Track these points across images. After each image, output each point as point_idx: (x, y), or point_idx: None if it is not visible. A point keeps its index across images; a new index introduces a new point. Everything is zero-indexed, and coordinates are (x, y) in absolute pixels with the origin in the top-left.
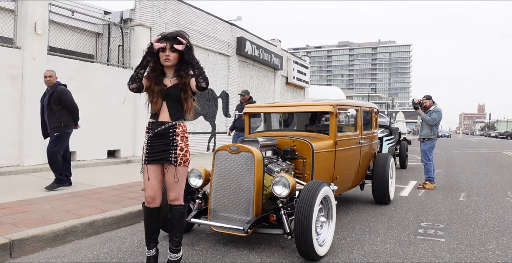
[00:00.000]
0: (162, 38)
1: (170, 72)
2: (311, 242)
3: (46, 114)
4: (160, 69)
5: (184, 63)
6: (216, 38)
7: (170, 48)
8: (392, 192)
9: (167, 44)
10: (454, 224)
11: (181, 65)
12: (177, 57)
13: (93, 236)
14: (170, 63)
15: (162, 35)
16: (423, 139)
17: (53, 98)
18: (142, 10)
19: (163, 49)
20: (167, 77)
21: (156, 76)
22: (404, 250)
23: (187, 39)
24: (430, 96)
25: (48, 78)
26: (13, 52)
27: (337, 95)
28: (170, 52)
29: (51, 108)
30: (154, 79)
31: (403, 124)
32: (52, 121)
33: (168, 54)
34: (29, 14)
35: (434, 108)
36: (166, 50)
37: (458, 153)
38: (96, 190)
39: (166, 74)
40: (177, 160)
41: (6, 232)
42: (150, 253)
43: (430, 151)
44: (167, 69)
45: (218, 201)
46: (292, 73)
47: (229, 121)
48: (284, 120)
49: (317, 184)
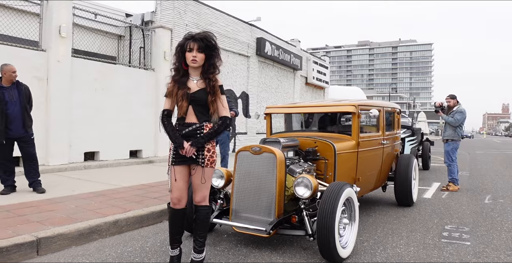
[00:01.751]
0: (189, 38)
1: (194, 73)
2: (334, 244)
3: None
4: (184, 70)
5: (211, 66)
6: (236, 39)
7: (198, 49)
8: (415, 194)
9: (194, 44)
10: (480, 227)
11: (209, 68)
12: (204, 58)
13: (116, 235)
14: (197, 65)
15: (189, 35)
16: (446, 140)
17: (25, 95)
18: (163, 12)
19: (191, 49)
20: (192, 79)
21: (179, 79)
22: (428, 253)
23: (215, 41)
24: (454, 95)
25: (15, 73)
26: (39, 54)
27: (357, 95)
28: (197, 52)
29: (26, 106)
30: (178, 83)
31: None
32: (29, 120)
33: (195, 55)
34: (54, 17)
35: (458, 108)
36: (194, 51)
37: (482, 154)
38: (119, 190)
39: (190, 76)
40: (204, 161)
41: (33, 230)
42: (173, 253)
43: (454, 152)
44: (192, 70)
45: (240, 201)
46: (312, 73)
47: (249, 122)
48: (305, 120)
49: (340, 185)
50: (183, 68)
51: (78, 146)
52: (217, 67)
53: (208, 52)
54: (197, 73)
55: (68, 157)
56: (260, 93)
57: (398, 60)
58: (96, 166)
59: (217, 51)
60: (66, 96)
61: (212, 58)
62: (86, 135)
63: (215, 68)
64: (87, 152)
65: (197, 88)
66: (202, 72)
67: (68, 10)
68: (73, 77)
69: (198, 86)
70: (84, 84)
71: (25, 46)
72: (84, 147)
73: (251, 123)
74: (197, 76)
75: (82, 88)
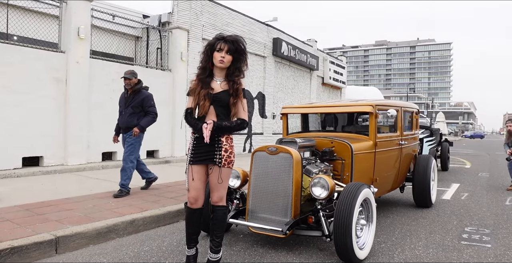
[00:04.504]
0: (221, 39)
1: (219, 74)
2: (351, 245)
3: None
4: (210, 70)
5: (237, 69)
6: (252, 39)
7: (227, 50)
8: (434, 195)
9: (225, 46)
10: (501, 229)
11: (234, 71)
12: (231, 60)
13: (133, 234)
14: (223, 65)
15: (221, 35)
16: None
17: None
18: (179, 13)
19: (220, 49)
20: (216, 80)
21: (204, 79)
22: (447, 255)
23: (245, 46)
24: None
25: None
26: (58, 56)
27: (374, 95)
28: (226, 54)
29: None
30: (202, 82)
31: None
32: None
33: (223, 56)
34: (72, 19)
35: None
36: (223, 52)
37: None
38: (135, 189)
39: (214, 76)
40: (221, 161)
41: (52, 228)
42: (190, 253)
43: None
44: (217, 71)
45: (256, 202)
46: (328, 73)
47: (265, 122)
48: (321, 121)
49: (358, 186)
50: (209, 68)
51: (96, 146)
52: (242, 71)
53: (236, 56)
54: (221, 74)
55: (86, 157)
56: (276, 93)
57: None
58: (113, 166)
59: (245, 55)
60: (84, 97)
61: (239, 62)
62: (104, 136)
63: (240, 72)
64: (105, 152)
65: (220, 89)
66: (227, 74)
67: (86, 11)
68: (91, 78)
69: (222, 88)
70: (102, 85)
71: (45, 48)
72: (102, 147)
73: (267, 123)
74: (221, 77)
75: (100, 89)
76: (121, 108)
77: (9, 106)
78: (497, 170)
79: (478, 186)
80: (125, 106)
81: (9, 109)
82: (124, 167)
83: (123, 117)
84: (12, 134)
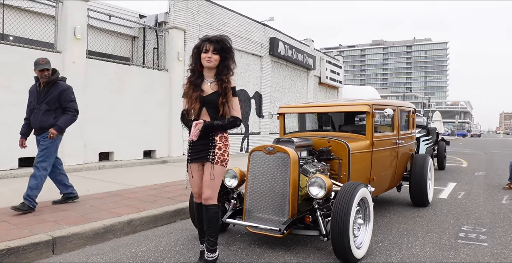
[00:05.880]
0: (206, 40)
1: (209, 75)
2: (349, 245)
3: None
4: (199, 71)
5: (225, 67)
6: (249, 39)
7: (213, 50)
8: (431, 194)
9: (210, 46)
10: (497, 228)
11: (223, 70)
12: (219, 59)
13: (130, 234)
14: (211, 64)
15: (206, 37)
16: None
17: None
18: (176, 13)
19: (206, 50)
20: (206, 81)
21: (194, 81)
22: (444, 254)
23: (230, 44)
24: None
25: None
26: (54, 56)
27: (371, 94)
28: (212, 54)
29: None
30: (192, 84)
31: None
32: None
33: (210, 56)
34: (68, 19)
35: None
36: (209, 52)
37: (499, 154)
38: (133, 190)
39: (204, 78)
40: (214, 158)
41: (49, 229)
42: (202, 248)
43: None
44: (206, 71)
45: (254, 201)
46: (325, 73)
47: (262, 122)
48: (318, 120)
49: (355, 185)
50: (198, 70)
51: (93, 146)
52: (231, 69)
53: (223, 54)
54: (211, 74)
55: (83, 158)
56: (273, 93)
57: (412, 59)
58: (110, 166)
59: (231, 53)
60: (81, 97)
61: (226, 60)
62: (100, 136)
63: (229, 70)
64: (101, 152)
65: (210, 91)
66: (216, 73)
67: (82, 11)
68: (87, 78)
69: (212, 89)
70: (98, 85)
71: (41, 48)
72: (99, 147)
73: (264, 123)
74: (211, 78)
75: (97, 89)
76: (32, 104)
77: (7, 106)
78: (493, 169)
79: (474, 185)
80: (37, 102)
81: (6, 108)
82: (34, 174)
83: (36, 115)
84: (8, 135)
